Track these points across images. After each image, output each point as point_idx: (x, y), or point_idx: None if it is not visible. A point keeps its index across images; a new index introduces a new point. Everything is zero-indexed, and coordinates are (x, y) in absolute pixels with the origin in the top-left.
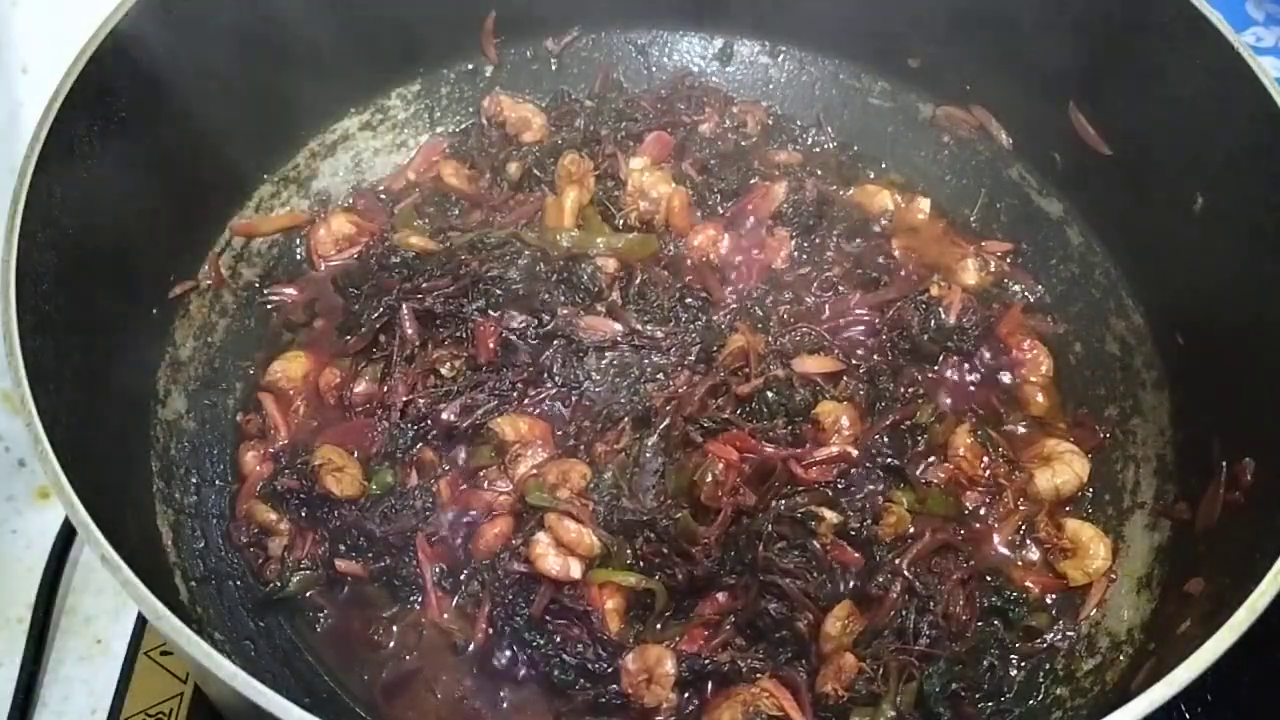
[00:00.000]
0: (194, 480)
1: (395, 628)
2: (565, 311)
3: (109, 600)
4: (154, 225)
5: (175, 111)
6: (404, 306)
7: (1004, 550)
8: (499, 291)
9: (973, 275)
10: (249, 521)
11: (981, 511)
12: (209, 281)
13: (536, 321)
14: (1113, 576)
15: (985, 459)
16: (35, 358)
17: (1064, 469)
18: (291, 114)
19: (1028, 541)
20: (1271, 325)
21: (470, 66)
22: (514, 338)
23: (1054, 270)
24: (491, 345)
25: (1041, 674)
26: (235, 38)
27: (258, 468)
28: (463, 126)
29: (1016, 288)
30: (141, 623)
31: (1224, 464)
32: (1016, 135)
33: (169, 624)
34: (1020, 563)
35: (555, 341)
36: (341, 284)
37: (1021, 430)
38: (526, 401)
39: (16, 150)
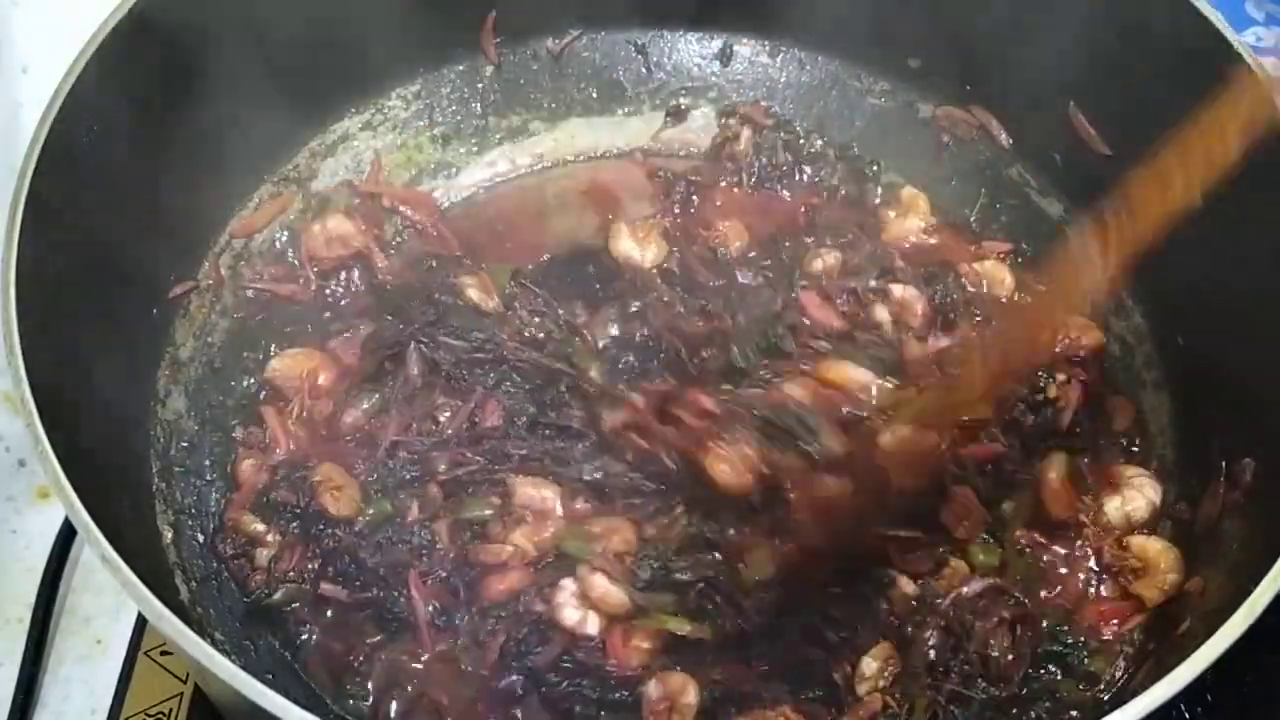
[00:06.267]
0: (194, 480)
1: (382, 655)
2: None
3: (109, 600)
4: (154, 225)
5: (175, 111)
6: (412, 345)
7: (1074, 594)
8: (515, 378)
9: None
10: (235, 532)
11: (1055, 567)
12: (209, 281)
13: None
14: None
15: (1076, 497)
16: (35, 358)
17: (1135, 495)
18: (291, 114)
19: (1099, 574)
20: (1271, 325)
21: (470, 66)
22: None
23: (1054, 270)
24: (497, 420)
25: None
26: (235, 37)
27: (254, 477)
28: None
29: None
30: (141, 623)
31: (1224, 464)
32: (1016, 135)
33: (169, 624)
34: (1091, 598)
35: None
36: (388, 298)
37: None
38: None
39: (16, 150)
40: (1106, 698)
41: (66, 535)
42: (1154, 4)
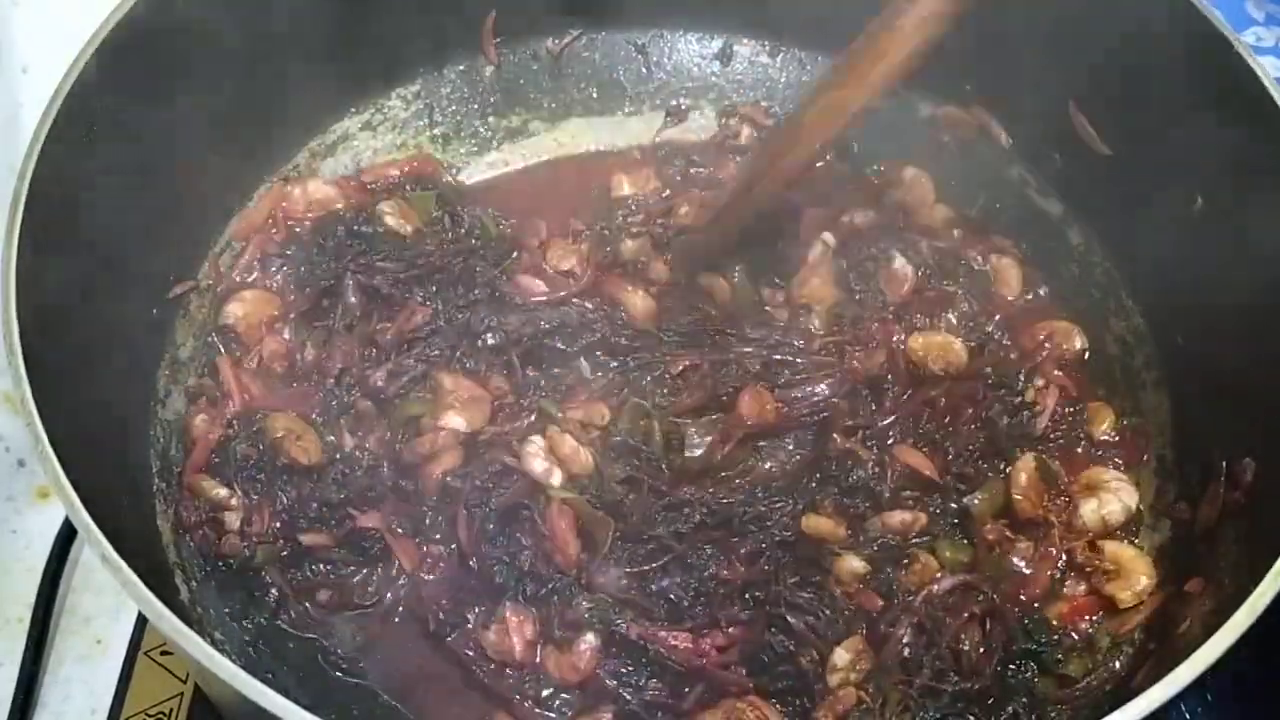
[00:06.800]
0: None
1: (385, 592)
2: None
3: (109, 600)
4: (154, 225)
5: (175, 111)
6: (348, 277)
7: (1042, 590)
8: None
9: None
10: (195, 496)
11: (1021, 565)
12: (209, 281)
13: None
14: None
15: (1046, 497)
16: (35, 358)
17: (1111, 499)
18: (291, 114)
19: (1068, 572)
20: (1271, 325)
21: (470, 66)
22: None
23: (1054, 270)
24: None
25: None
26: (235, 38)
27: (209, 434)
28: None
29: None
30: (141, 623)
31: (1224, 464)
32: (1016, 135)
33: (169, 624)
34: (1061, 597)
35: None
36: (312, 236)
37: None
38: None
39: (16, 150)
40: (1080, 695)
41: (66, 535)
42: (1154, 4)
